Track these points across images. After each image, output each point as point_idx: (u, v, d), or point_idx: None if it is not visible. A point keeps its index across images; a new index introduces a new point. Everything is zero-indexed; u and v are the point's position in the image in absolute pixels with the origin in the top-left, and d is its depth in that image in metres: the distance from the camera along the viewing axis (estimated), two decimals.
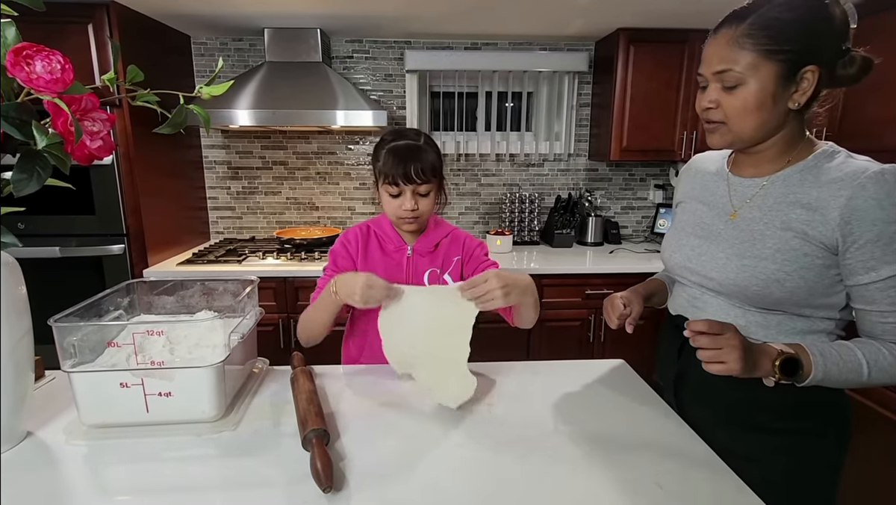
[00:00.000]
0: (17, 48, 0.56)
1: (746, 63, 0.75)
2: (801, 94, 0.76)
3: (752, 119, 0.78)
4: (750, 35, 0.74)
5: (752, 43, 0.74)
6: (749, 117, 0.78)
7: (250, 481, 0.72)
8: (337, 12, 2.01)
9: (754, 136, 0.80)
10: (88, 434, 0.82)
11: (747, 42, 0.74)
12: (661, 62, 2.24)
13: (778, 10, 0.74)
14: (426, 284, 1.13)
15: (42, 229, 1.88)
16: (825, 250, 0.76)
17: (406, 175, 1.01)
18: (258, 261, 2.13)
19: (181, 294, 1.05)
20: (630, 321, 0.94)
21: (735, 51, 0.75)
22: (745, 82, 0.76)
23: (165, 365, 0.82)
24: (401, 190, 1.04)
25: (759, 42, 0.74)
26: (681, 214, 0.98)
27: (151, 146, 2.05)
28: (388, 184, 1.04)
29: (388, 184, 1.03)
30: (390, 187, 1.04)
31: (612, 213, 2.75)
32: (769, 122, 0.78)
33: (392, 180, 1.02)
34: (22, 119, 0.60)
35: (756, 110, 0.77)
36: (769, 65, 0.74)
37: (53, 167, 0.68)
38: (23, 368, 0.77)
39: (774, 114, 0.77)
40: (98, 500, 0.68)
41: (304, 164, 2.57)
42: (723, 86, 0.78)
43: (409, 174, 1.01)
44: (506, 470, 0.75)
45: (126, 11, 1.90)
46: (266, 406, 0.93)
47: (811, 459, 0.84)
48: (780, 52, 0.73)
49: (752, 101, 0.76)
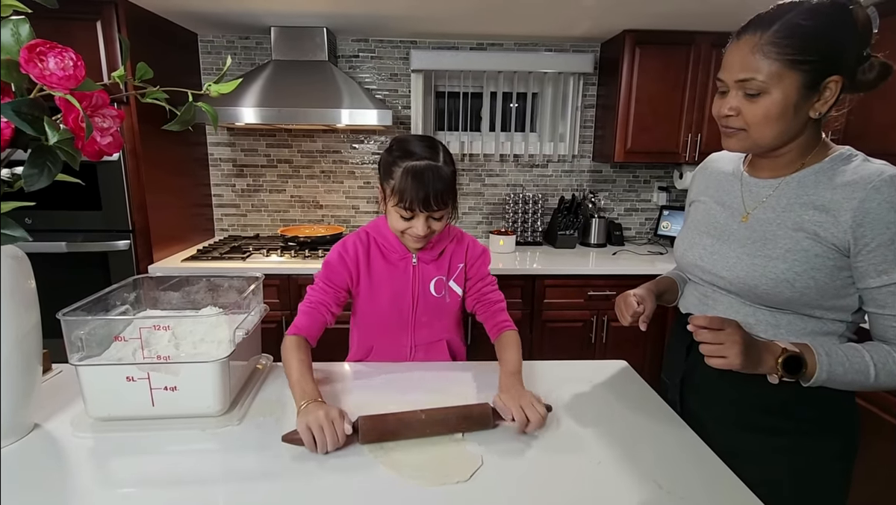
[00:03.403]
0: (31, 45, 0.57)
1: (770, 72, 0.73)
2: (823, 104, 0.75)
3: (773, 128, 0.77)
4: (774, 43, 0.73)
5: (777, 52, 0.73)
6: (770, 126, 0.77)
7: (253, 476, 0.73)
8: (343, 11, 2.02)
9: (773, 144, 0.80)
10: (95, 427, 0.83)
11: (772, 51, 0.73)
12: (667, 64, 2.24)
13: (803, 17, 0.73)
14: (433, 293, 1.11)
15: (48, 224, 1.90)
16: (837, 252, 0.76)
17: (425, 203, 0.94)
18: (262, 258, 2.14)
19: (187, 290, 1.05)
20: (643, 319, 0.94)
21: (759, 59, 0.74)
22: (768, 91, 0.74)
23: (171, 360, 0.83)
24: (415, 215, 0.97)
25: (783, 51, 0.72)
26: (694, 213, 0.98)
27: (158, 143, 2.06)
28: (401, 207, 0.96)
29: (402, 208, 0.95)
30: (403, 211, 0.96)
31: (616, 214, 2.75)
32: (789, 131, 0.78)
33: (408, 206, 0.94)
34: (34, 115, 0.61)
35: (778, 120, 0.76)
36: (793, 74, 0.73)
37: (63, 163, 0.69)
38: (31, 360, 0.78)
39: (795, 122, 0.77)
40: (104, 491, 0.69)
41: (309, 163, 2.58)
42: (745, 94, 0.77)
43: (430, 203, 0.94)
44: (506, 469, 0.75)
45: (134, 9, 1.91)
46: (270, 402, 0.94)
47: (817, 462, 0.83)
48: (805, 62, 0.72)
49: (775, 111, 0.75)
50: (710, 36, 2.20)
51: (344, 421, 0.79)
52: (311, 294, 1.07)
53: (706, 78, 2.25)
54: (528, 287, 2.15)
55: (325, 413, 0.78)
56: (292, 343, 0.97)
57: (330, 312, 1.05)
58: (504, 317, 1.11)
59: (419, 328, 1.13)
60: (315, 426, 0.76)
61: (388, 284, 1.09)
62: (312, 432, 0.76)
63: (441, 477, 0.72)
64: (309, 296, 1.07)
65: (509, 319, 1.11)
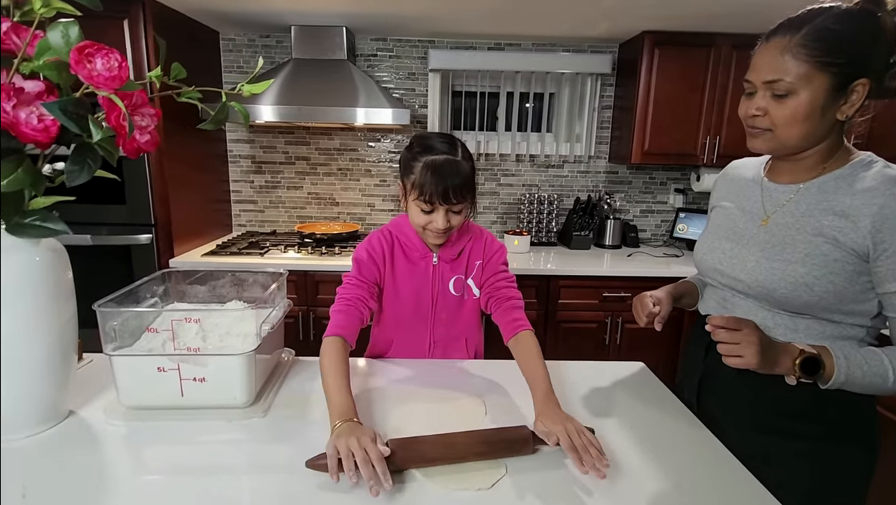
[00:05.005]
0: (80, 46, 0.59)
1: (799, 74, 0.74)
2: (850, 107, 0.76)
3: (799, 128, 0.78)
4: (804, 45, 0.74)
5: (806, 53, 0.74)
6: (797, 127, 0.78)
7: (278, 466, 0.75)
8: (363, 11, 2.04)
9: (799, 145, 0.80)
10: (127, 415, 0.85)
11: (801, 52, 0.74)
12: (686, 65, 2.23)
13: (833, 20, 0.74)
14: (452, 291, 1.12)
15: (74, 217, 1.95)
16: (856, 257, 0.76)
17: (444, 196, 0.96)
18: (280, 254, 2.17)
19: (212, 284, 1.08)
20: (659, 319, 0.95)
21: (788, 60, 0.75)
22: (796, 92, 0.75)
23: (199, 352, 0.85)
24: (434, 208, 0.99)
25: (812, 53, 0.73)
26: (715, 218, 0.99)
27: (180, 139, 2.10)
28: (421, 200, 0.98)
29: (423, 201, 0.98)
30: (424, 204, 0.98)
31: (632, 216, 2.74)
32: (816, 133, 0.78)
33: (428, 199, 0.97)
34: (79, 113, 0.63)
35: (804, 120, 0.77)
36: (821, 76, 0.74)
37: (101, 158, 0.72)
38: (68, 349, 0.81)
39: (822, 124, 0.77)
40: (135, 477, 0.72)
41: (326, 160, 2.61)
42: (772, 94, 0.78)
43: (448, 196, 0.96)
44: (528, 478, 0.75)
45: (160, 7, 1.95)
46: (293, 395, 0.96)
47: (836, 467, 0.84)
48: (834, 64, 0.73)
49: (802, 112, 0.76)
50: (731, 38, 2.18)
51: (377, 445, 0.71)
52: (344, 291, 1.05)
53: (726, 80, 2.23)
54: (543, 287, 2.15)
55: (358, 439, 0.70)
56: (332, 347, 0.93)
57: (366, 305, 1.04)
58: (519, 315, 1.04)
59: (438, 325, 1.15)
60: (344, 450, 0.69)
61: (409, 282, 1.11)
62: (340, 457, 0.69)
63: (463, 483, 0.71)
64: (342, 294, 1.05)
65: (525, 319, 1.04)
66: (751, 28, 2.07)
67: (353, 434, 0.71)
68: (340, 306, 1.02)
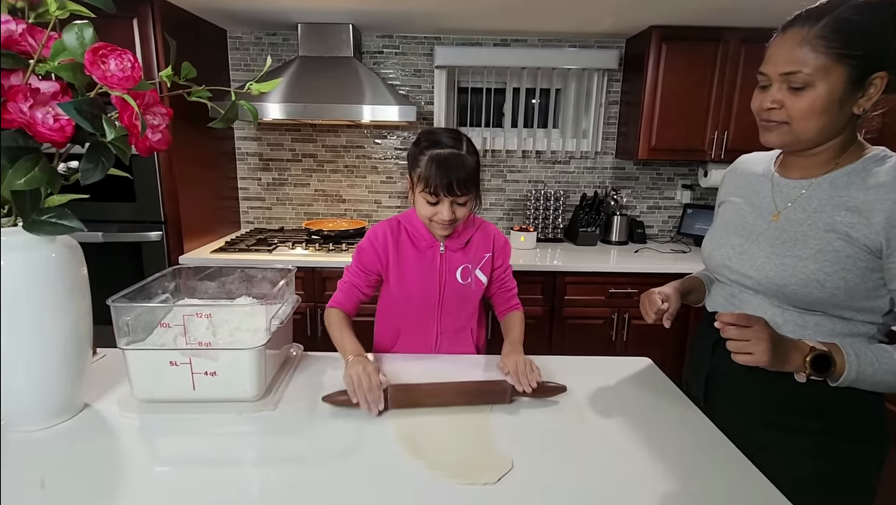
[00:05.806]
0: (95, 48, 0.60)
1: (817, 66, 0.73)
2: (867, 100, 0.75)
3: (816, 121, 0.77)
4: (823, 37, 0.73)
5: (825, 45, 0.73)
6: (814, 119, 0.76)
7: (287, 458, 0.76)
8: (369, 8, 2.04)
9: (815, 139, 0.79)
10: (140, 407, 0.87)
11: (820, 44, 0.73)
12: (694, 60, 2.21)
13: (851, 12, 0.72)
14: (459, 280, 1.15)
15: (85, 215, 1.97)
16: (868, 253, 0.76)
17: (449, 188, 1.00)
18: (287, 251, 2.19)
19: (222, 280, 1.10)
20: (668, 316, 0.95)
21: (806, 52, 0.74)
22: (814, 84, 0.74)
23: (210, 346, 0.87)
24: (439, 200, 1.02)
25: (831, 45, 0.72)
26: (723, 214, 0.99)
27: (188, 137, 2.12)
28: (427, 192, 1.02)
29: (428, 193, 1.02)
30: (429, 196, 1.02)
31: (638, 212, 2.73)
32: (832, 126, 0.77)
33: (433, 191, 1.00)
34: (93, 113, 0.64)
35: (822, 113, 0.76)
36: (840, 68, 0.73)
37: (115, 157, 0.73)
38: (83, 343, 0.83)
39: (839, 118, 0.76)
40: (148, 468, 0.74)
41: (333, 157, 2.62)
42: (789, 87, 0.77)
43: (452, 187, 1.00)
44: (529, 463, 0.77)
45: (168, 6, 1.96)
46: (302, 389, 0.98)
47: (845, 463, 0.83)
48: (852, 56, 0.72)
49: (819, 104, 0.75)
50: (740, 32, 2.16)
51: (379, 375, 0.91)
52: (345, 276, 1.19)
53: (734, 74, 2.21)
54: (549, 284, 2.15)
55: (364, 367, 0.91)
56: (334, 313, 1.13)
57: (361, 292, 1.17)
58: (515, 301, 1.24)
59: (445, 316, 1.18)
60: (355, 378, 0.89)
61: (416, 271, 1.14)
62: (353, 383, 0.88)
63: (469, 476, 0.72)
64: (344, 277, 1.19)
65: (518, 302, 1.24)
66: (759, 22, 2.05)
67: (362, 364, 0.92)
68: (342, 285, 1.18)
